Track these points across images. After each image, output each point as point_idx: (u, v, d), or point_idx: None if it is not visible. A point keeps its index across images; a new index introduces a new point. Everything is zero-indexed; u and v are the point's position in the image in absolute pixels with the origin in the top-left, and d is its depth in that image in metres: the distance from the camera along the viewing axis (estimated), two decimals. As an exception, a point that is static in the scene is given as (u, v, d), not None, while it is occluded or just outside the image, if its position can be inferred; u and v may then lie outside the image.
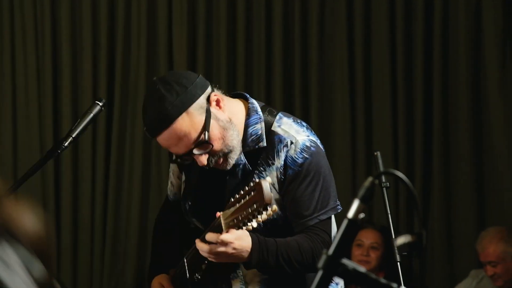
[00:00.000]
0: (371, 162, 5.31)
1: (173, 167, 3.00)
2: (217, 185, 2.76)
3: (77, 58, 5.63)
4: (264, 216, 2.52)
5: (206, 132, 2.62)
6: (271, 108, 2.84)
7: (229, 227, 2.58)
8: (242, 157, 2.72)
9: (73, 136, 2.85)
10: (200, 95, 2.65)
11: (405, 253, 1.41)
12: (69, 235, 5.55)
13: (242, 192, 2.56)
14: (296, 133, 2.75)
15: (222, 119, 2.68)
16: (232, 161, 2.71)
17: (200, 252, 2.66)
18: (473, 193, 5.17)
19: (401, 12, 5.27)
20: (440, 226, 5.20)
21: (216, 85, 2.75)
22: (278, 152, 2.73)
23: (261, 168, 2.74)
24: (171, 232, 3.05)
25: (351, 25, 5.36)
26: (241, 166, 2.74)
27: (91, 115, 2.91)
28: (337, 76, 5.36)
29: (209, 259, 2.67)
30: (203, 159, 2.66)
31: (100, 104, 2.94)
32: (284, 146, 2.73)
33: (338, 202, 2.79)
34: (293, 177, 2.72)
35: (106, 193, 5.56)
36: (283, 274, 2.77)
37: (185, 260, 2.84)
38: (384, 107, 5.30)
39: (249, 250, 2.63)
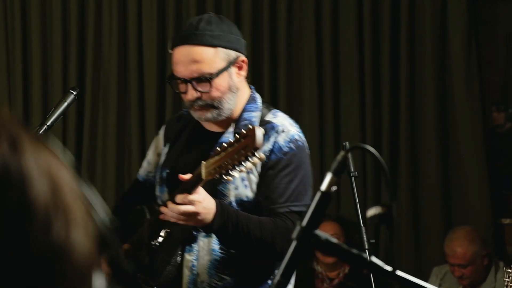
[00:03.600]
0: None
1: (155, 142, 3.07)
2: (198, 156, 2.76)
3: (47, 53, 5.64)
4: (249, 164, 2.50)
5: (215, 75, 2.75)
6: (269, 104, 2.95)
7: (209, 175, 2.56)
8: (231, 137, 2.74)
9: (48, 124, 2.89)
10: (235, 49, 2.80)
11: (376, 224, 1.46)
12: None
13: (231, 140, 2.56)
14: (289, 125, 2.85)
15: (234, 81, 2.80)
16: (211, 116, 2.79)
17: (170, 213, 2.66)
18: (440, 187, 5.23)
19: (368, 8, 5.33)
20: (408, 220, 5.25)
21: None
22: (269, 137, 2.78)
23: None
24: (130, 211, 3.04)
25: (319, 21, 5.40)
26: None
27: (65, 104, 2.96)
28: (305, 72, 5.41)
29: (179, 221, 2.66)
30: (192, 94, 2.77)
31: (74, 93, 2.99)
32: (275, 132, 2.80)
33: None
34: (275, 163, 2.77)
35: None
36: (233, 258, 2.79)
37: (147, 225, 2.87)
38: (352, 102, 5.34)
39: (214, 212, 2.66)
